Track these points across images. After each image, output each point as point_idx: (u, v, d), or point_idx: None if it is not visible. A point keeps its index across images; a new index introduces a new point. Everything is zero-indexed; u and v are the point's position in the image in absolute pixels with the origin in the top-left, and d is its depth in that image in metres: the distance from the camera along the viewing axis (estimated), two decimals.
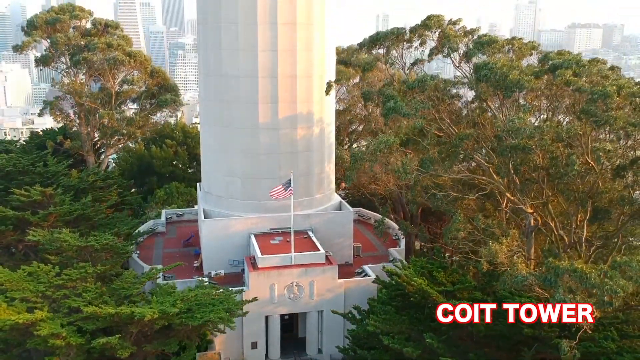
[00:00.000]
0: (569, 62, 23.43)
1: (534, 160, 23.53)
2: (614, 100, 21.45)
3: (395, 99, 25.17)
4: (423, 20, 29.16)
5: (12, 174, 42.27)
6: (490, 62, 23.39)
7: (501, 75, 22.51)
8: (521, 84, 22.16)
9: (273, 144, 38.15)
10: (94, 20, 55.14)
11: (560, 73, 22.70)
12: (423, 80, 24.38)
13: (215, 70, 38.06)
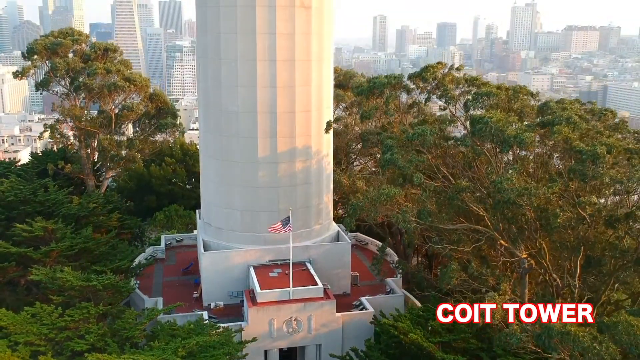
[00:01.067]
0: (561, 119, 23.99)
1: (525, 214, 24.12)
2: (604, 160, 22.04)
3: (392, 151, 25.76)
4: (421, 70, 29.74)
5: (14, 203, 42.72)
6: (486, 116, 23.98)
7: (496, 129, 23.11)
8: (521, 139, 22.74)
9: (272, 178, 38.69)
10: (92, 44, 55.65)
11: (557, 130, 23.29)
12: (423, 134, 24.96)
13: (215, 104, 38.61)
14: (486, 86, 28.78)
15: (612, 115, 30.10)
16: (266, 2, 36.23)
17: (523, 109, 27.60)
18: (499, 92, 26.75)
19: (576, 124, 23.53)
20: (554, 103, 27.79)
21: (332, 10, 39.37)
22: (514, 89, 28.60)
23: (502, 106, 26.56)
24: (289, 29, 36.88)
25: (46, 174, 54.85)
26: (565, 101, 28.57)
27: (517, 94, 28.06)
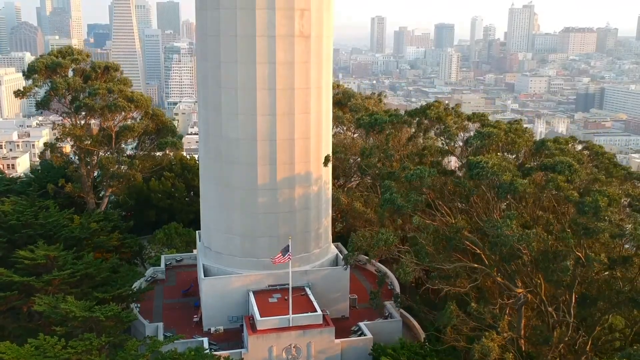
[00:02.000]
0: (562, 166, 24.43)
1: (522, 256, 24.58)
2: (605, 213, 22.52)
3: (391, 190, 26.24)
4: (422, 107, 30.19)
5: (16, 226, 43.12)
6: (483, 160, 24.45)
7: (492, 174, 23.60)
8: (514, 188, 23.23)
9: (272, 204, 39.15)
10: (93, 63, 56.04)
11: (553, 178, 23.79)
12: (421, 175, 25.41)
13: (215, 131, 39.07)
14: (484, 120, 29.19)
15: (608, 155, 30.55)
16: (266, 32, 36.69)
17: (519, 148, 28.05)
18: (499, 131, 27.19)
19: (577, 172, 23.96)
20: (551, 142, 28.25)
21: (330, 38, 39.84)
22: (510, 128, 28.99)
23: (501, 141, 27.00)
24: (288, 58, 37.34)
25: (47, 191, 55.22)
26: (561, 140, 29.00)
27: (516, 133, 28.48)
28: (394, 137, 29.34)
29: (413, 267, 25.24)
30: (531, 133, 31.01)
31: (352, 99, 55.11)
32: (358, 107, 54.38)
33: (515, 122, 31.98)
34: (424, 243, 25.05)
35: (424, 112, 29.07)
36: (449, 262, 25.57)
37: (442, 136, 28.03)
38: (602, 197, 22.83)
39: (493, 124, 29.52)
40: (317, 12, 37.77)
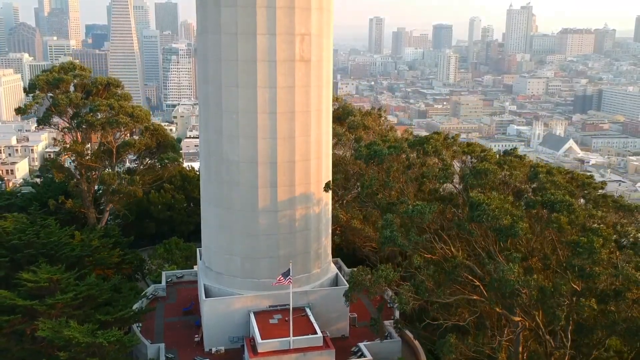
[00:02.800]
0: (561, 205, 24.83)
1: (522, 295, 24.92)
2: (600, 255, 22.90)
3: (392, 227, 26.65)
4: (421, 139, 30.56)
5: (18, 246, 43.46)
6: (484, 202, 24.83)
7: (493, 217, 24.03)
8: (515, 231, 23.65)
9: (272, 225, 39.54)
10: (95, 80, 56.38)
11: (556, 218, 24.21)
12: (422, 212, 25.81)
13: (216, 154, 39.44)
14: (480, 153, 29.60)
15: (595, 185, 30.93)
16: (267, 57, 37.08)
17: (515, 181, 28.45)
18: (494, 167, 27.62)
19: (575, 212, 24.41)
20: (543, 174, 28.60)
21: (330, 62, 40.27)
22: (505, 160, 29.39)
23: (497, 177, 27.44)
24: (289, 82, 37.74)
25: (48, 207, 55.55)
26: (553, 170, 29.37)
27: (511, 164, 28.90)
28: (394, 172, 29.70)
29: (412, 300, 25.66)
30: (525, 163, 31.34)
31: (351, 116, 55.47)
32: (357, 124, 54.81)
33: (512, 150, 32.37)
34: (423, 279, 25.45)
35: (422, 145, 29.44)
36: (448, 294, 25.97)
37: (442, 174, 28.32)
38: (596, 238, 23.25)
39: (488, 154, 29.84)
40: (317, 37, 38.18)
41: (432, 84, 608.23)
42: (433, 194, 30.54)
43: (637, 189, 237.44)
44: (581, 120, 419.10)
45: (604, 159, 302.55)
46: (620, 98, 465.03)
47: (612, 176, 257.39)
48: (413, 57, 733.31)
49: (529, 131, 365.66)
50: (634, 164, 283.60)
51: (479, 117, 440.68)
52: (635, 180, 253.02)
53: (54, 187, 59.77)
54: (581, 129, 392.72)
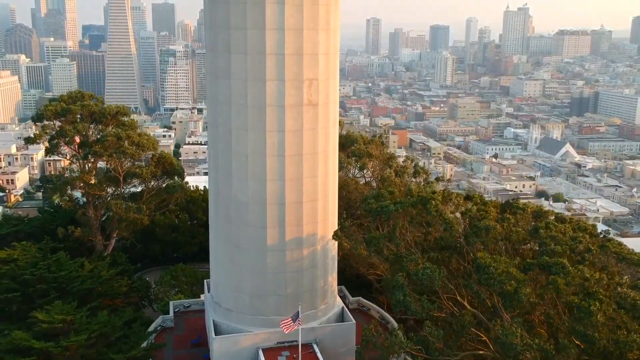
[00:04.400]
0: (557, 267, 25.83)
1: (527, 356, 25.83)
2: (597, 318, 23.87)
3: (404, 291, 27.57)
4: (424, 198, 31.49)
5: (30, 281, 44.31)
6: (490, 265, 25.79)
7: (499, 282, 24.99)
8: (519, 297, 24.60)
9: (280, 264, 40.43)
10: (103, 109, 57.12)
11: (553, 280, 25.19)
12: (432, 277, 26.76)
13: (225, 194, 40.31)
14: (482, 207, 30.57)
15: (593, 232, 31.84)
16: (276, 102, 37.94)
17: (517, 238, 29.37)
18: (495, 225, 28.60)
19: (570, 274, 25.37)
20: (543, 229, 29.49)
21: (336, 104, 41.21)
22: (504, 218, 30.21)
23: (499, 234, 28.42)
24: (297, 126, 38.61)
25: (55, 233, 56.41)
26: (551, 225, 30.12)
27: (510, 223, 29.83)
28: (401, 229, 30.64)
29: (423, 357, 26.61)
30: (528, 213, 32.22)
31: (355, 144, 56.49)
32: (360, 152, 55.80)
33: (513, 200, 33.32)
34: (434, 340, 26.39)
35: (425, 205, 30.36)
36: (456, 348, 26.87)
37: (445, 233, 29.34)
38: (594, 302, 24.23)
39: (488, 208, 30.73)
40: (324, 81, 39.07)
41: (429, 85, 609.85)
42: (438, 242, 31.50)
43: (633, 194, 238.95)
44: (578, 123, 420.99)
45: (601, 163, 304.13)
46: (617, 100, 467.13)
47: (609, 180, 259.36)
48: (410, 58, 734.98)
49: (526, 134, 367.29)
50: (630, 167, 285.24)
51: (476, 119, 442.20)
52: (631, 185, 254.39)
53: (61, 214, 60.60)
54: (578, 132, 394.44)
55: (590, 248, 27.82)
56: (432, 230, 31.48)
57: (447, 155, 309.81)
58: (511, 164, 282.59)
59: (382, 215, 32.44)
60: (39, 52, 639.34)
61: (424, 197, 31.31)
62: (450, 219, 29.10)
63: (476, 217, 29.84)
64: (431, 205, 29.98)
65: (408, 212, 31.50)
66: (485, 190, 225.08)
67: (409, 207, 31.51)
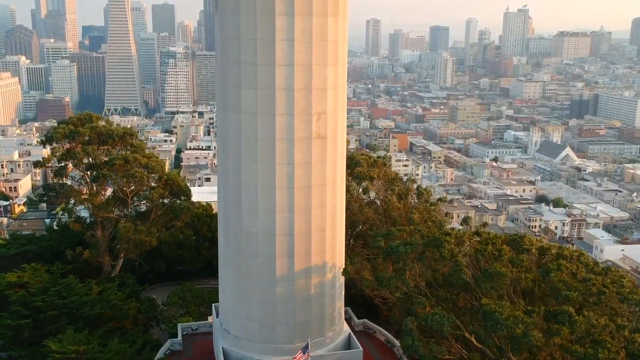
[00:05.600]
0: (563, 317, 26.40)
1: None
2: None
3: (412, 336, 28.21)
4: (436, 240, 32.03)
5: (41, 307, 44.97)
6: (497, 312, 26.41)
7: (506, 326, 25.63)
8: (528, 340, 25.18)
9: (289, 293, 41.05)
10: (111, 131, 57.67)
11: (558, 330, 25.81)
12: (441, 323, 27.40)
13: (235, 225, 40.94)
14: (495, 251, 31.14)
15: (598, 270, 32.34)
16: (285, 136, 38.53)
17: (526, 285, 29.91)
18: (506, 270, 29.23)
19: (576, 323, 25.97)
20: (554, 272, 29.93)
21: (344, 135, 41.87)
22: (514, 260, 30.68)
23: (508, 278, 29.02)
24: (306, 159, 39.21)
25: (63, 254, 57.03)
26: (562, 267, 30.50)
27: (522, 266, 30.37)
28: (411, 270, 31.30)
29: None
30: (533, 258, 32.61)
31: (358, 166, 57.22)
32: (364, 175, 56.54)
33: (519, 237, 33.91)
34: None
35: (439, 248, 30.96)
36: None
37: (456, 274, 29.94)
38: (602, 350, 24.84)
39: (501, 249, 31.27)
40: (332, 114, 39.71)
41: (429, 87, 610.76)
42: (447, 279, 32.13)
43: (633, 198, 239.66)
44: (578, 125, 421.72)
45: (601, 167, 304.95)
46: (616, 103, 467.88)
47: (609, 185, 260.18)
48: (410, 59, 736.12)
49: (526, 137, 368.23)
50: (630, 171, 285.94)
51: (476, 122, 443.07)
52: (631, 190, 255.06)
53: (69, 234, 61.21)
54: (578, 135, 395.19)
55: (603, 291, 28.39)
56: (441, 267, 32.12)
57: (447, 158, 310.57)
58: (511, 168, 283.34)
59: (392, 256, 33.07)
60: (39, 54, 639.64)
61: (437, 238, 31.90)
62: (463, 264, 29.68)
63: (489, 255, 30.35)
64: (445, 250, 30.58)
65: (417, 251, 32.09)
66: (485, 195, 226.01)
67: (421, 248, 32.10)
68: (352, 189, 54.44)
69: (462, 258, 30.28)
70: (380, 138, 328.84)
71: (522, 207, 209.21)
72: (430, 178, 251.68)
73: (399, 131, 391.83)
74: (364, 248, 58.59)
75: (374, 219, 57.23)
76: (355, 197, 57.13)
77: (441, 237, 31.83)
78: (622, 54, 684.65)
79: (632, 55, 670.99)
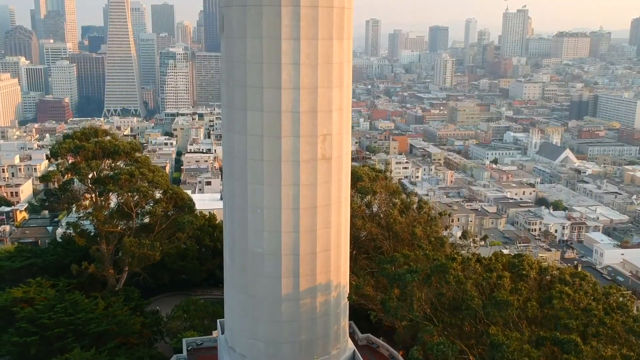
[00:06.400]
0: (569, 345, 26.79)
1: None
2: None
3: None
4: (442, 266, 32.38)
5: (48, 325, 45.31)
6: (504, 343, 26.77)
7: None
8: None
9: (294, 313, 41.38)
10: (116, 146, 57.99)
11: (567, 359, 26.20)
12: (445, 353, 27.73)
13: (241, 246, 41.25)
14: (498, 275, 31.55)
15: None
16: (291, 158, 38.84)
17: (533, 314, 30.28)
18: (513, 299, 29.62)
19: (582, 352, 26.32)
20: (557, 300, 30.25)
21: (349, 156, 42.23)
22: (519, 289, 31.04)
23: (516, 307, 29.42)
24: (311, 180, 39.53)
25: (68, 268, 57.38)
26: (564, 296, 30.81)
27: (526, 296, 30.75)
28: (417, 299, 31.64)
29: None
30: (532, 286, 32.92)
31: (360, 181, 57.65)
32: (366, 190, 56.96)
33: (518, 261, 34.29)
34: None
35: (444, 274, 31.35)
36: None
37: (461, 304, 30.33)
38: None
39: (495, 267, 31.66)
40: (337, 135, 40.01)
41: (429, 87, 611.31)
42: (452, 303, 32.51)
43: (633, 201, 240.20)
44: (577, 126, 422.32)
45: (600, 168, 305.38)
46: (616, 104, 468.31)
47: (609, 187, 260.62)
48: (409, 59, 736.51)
49: (525, 138, 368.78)
50: (629, 173, 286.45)
51: (475, 123, 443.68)
52: (631, 192, 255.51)
53: (73, 247, 61.55)
54: (577, 136, 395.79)
55: (604, 322, 28.73)
56: (447, 291, 32.48)
57: (447, 160, 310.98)
58: (511, 170, 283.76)
59: (398, 283, 33.44)
60: (39, 54, 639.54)
61: (443, 264, 32.25)
62: (471, 291, 30.03)
63: (494, 283, 30.73)
64: (450, 277, 30.96)
65: (424, 276, 32.45)
66: (485, 198, 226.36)
67: (427, 272, 32.47)
68: (354, 203, 54.78)
69: (469, 285, 30.61)
70: (380, 140, 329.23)
71: (522, 210, 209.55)
72: (431, 181, 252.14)
73: (399, 132, 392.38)
74: (367, 261, 59.11)
75: (377, 233, 57.65)
76: (358, 212, 57.44)
77: (447, 264, 32.18)
78: (622, 54, 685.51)
79: (631, 56, 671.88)
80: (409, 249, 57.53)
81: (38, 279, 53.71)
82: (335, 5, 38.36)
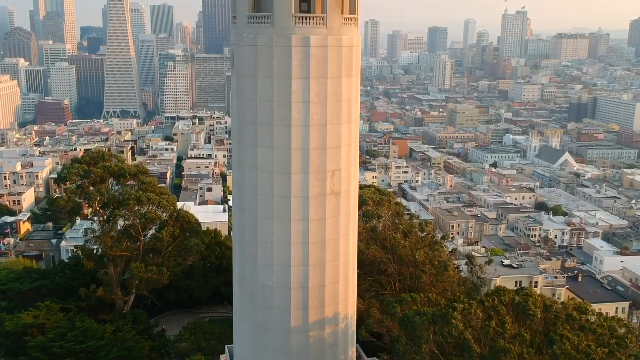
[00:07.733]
0: None
1: None
2: None
3: None
4: (444, 315, 33.06)
5: (60, 354, 45.91)
6: None
7: None
8: None
9: (303, 344, 41.97)
10: (123, 170, 58.55)
11: None
12: None
13: (251, 278, 41.87)
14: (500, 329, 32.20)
15: None
16: (300, 193, 39.44)
17: (531, 356, 30.94)
18: (510, 346, 30.27)
19: None
20: (557, 344, 30.80)
21: (356, 190, 42.88)
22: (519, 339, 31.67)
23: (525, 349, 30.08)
24: (320, 214, 40.14)
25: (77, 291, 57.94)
26: (564, 338, 31.35)
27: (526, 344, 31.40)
28: (426, 343, 32.28)
29: None
30: (536, 328, 33.51)
31: (365, 205, 58.29)
32: (371, 214, 57.61)
33: (524, 300, 34.91)
34: None
35: (447, 324, 32.00)
36: None
37: (463, 352, 31.02)
38: None
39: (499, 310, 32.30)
40: (346, 170, 40.65)
41: (428, 89, 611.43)
42: (456, 347, 33.19)
43: (632, 205, 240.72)
44: (576, 129, 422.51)
45: (599, 172, 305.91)
46: (615, 106, 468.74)
47: (608, 191, 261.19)
48: (409, 60, 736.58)
49: (524, 141, 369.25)
50: (628, 177, 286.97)
51: (475, 125, 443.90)
52: (630, 196, 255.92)
53: (81, 269, 62.10)
54: (576, 139, 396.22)
55: None
56: (449, 339, 33.15)
57: (447, 164, 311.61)
58: (511, 174, 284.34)
59: (407, 326, 34.12)
60: (38, 55, 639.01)
61: (444, 314, 32.92)
62: (471, 341, 30.67)
63: (494, 330, 31.39)
64: (452, 327, 31.66)
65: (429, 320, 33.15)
66: (485, 204, 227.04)
67: (432, 318, 33.16)
68: (359, 226, 55.39)
69: (467, 334, 31.26)
70: (380, 144, 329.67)
71: (521, 216, 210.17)
72: (430, 185, 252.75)
73: (398, 135, 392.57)
74: (372, 284, 59.78)
75: (381, 256, 58.29)
76: (363, 236, 58.00)
77: (448, 314, 32.83)
78: (620, 55, 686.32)
79: (630, 57, 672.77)
80: (413, 271, 58.46)
81: (47, 303, 54.30)
82: (344, 45, 39.01)
